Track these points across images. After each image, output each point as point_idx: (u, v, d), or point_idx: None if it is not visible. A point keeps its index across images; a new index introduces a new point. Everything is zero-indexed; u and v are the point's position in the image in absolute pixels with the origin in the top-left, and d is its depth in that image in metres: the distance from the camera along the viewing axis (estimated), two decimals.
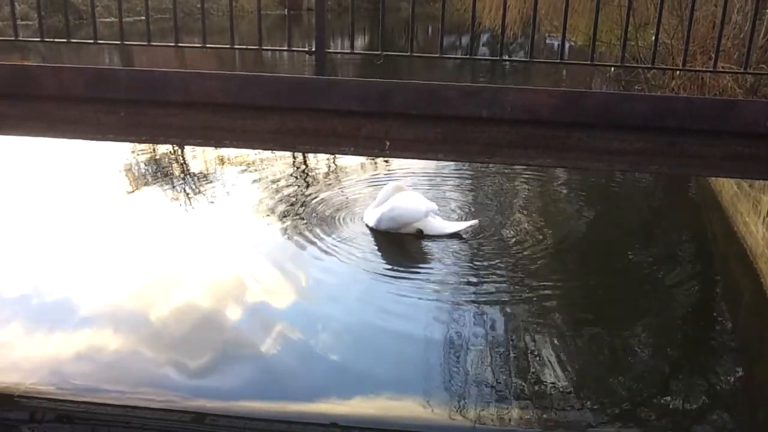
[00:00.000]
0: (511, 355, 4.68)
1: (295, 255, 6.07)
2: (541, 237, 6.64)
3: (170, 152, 9.53)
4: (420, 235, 6.48)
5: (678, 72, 8.20)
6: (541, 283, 5.72)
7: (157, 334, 4.85)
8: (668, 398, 4.36)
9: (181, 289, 5.47)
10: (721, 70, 6.27)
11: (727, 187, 7.35)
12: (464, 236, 6.47)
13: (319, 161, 9.12)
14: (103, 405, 4.06)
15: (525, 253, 6.27)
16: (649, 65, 6.00)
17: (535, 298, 5.45)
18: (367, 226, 6.64)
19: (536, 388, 4.32)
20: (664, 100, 3.61)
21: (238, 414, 4.07)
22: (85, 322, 4.93)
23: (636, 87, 10.13)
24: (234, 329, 4.91)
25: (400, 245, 6.37)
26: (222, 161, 9.06)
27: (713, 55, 3.65)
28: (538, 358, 4.64)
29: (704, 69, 7.32)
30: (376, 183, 7.96)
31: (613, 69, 11.35)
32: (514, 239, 6.56)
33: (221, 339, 4.78)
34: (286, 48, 3.86)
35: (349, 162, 8.87)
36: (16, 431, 3.87)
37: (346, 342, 4.76)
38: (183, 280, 5.60)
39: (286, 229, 6.64)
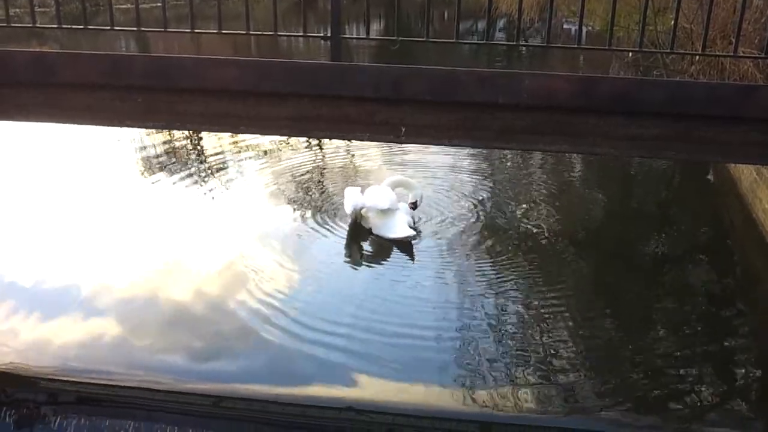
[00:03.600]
0: (526, 341, 4.69)
1: (308, 241, 6.08)
2: (555, 224, 6.61)
3: (186, 138, 9.57)
4: (370, 232, 6.18)
5: (697, 57, 8.10)
6: (556, 270, 5.71)
7: (172, 319, 4.90)
8: (684, 386, 4.35)
9: (196, 275, 5.50)
10: (742, 55, 6.18)
11: (746, 173, 7.26)
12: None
13: (337, 146, 9.10)
14: (123, 388, 4.12)
15: (539, 239, 6.25)
16: (668, 50, 5.92)
17: (549, 285, 5.44)
18: None
19: (551, 374, 4.32)
20: (682, 86, 3.57)
21: (255, 397, 4.11)
22: (102, 307, 4.99)
23: (654, 72, 10.02)
24: (249, 314, 4.94)
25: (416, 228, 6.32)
26: (237, 147, 9.09)
27: (734, 40, 3.60)
28: (552, 345, 4.64)
29: (724, 54, 7.22)
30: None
31: (631, 54, 11.23)
32: (528, 226, 6.53)
33: (236, 324, 4.82)
34: (301, 34, 3.85)
35: (368, 146, 8.85)
36: (37, 412, 3.94)
37: (360, 327, 4.78)
38: (196, 266, 5.63)
39: (298, 216, 6.64)
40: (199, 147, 9.35)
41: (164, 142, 9.39)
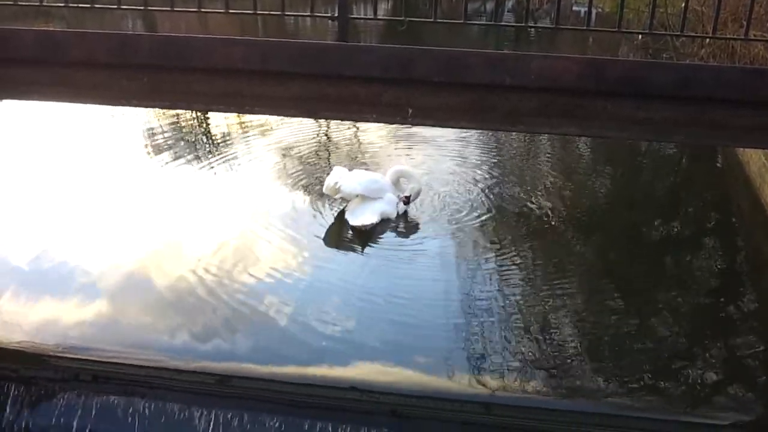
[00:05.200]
0: (530, 325, 4.69)
1: (311, 223, 6.08)
2: (562, 207, 6.59)
3: (192, 117, 9.55)
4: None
5: (708, 40, 8.02)
6: (562, 254, 5.70)
7: (179, 299, 4.92)
8: (688, 370, 4.36)
9: (201, 255, 5.49)
10: (753, 38, 6.11)
11: (754, 157, 7.21)
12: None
13: (341, 126, 9.07)
14: (131, 366, 4.15)
15: (545, 223, 6.24)
16: (678, 33, 5.86)
17: (555, 269, 5.44)
18: None
19: (555, 358, 4.34)
20: (691, 69, 3.54)
21: (259, 376, 4.14)
22: (108, 286, 5.01)
23: (664, 55, 9.94)
24: (254, 295, 4.95)
25: (415, 215, 6.32)
26: (243, 127, 9.07)
27: (745, 23, 3.56)
28: (556, 329, 4.65)
29: (735, 37, 7.14)
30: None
31: (640, 37, 11.12)
32: (534, 209, 6.51)
33: (241, 305, 4.83)
34: (308, 14, 3.82)
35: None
36: (46, 389, 3.99)
37: (364, 309, 4.80)
38: (202, 247, 5.62)
39: (302, 197, 6.63)
40: (203, 124, 9.34)
41: (168, 117, 9.37)
